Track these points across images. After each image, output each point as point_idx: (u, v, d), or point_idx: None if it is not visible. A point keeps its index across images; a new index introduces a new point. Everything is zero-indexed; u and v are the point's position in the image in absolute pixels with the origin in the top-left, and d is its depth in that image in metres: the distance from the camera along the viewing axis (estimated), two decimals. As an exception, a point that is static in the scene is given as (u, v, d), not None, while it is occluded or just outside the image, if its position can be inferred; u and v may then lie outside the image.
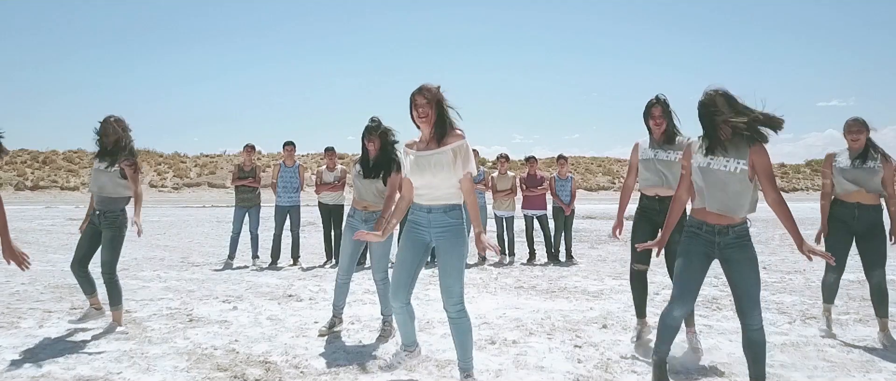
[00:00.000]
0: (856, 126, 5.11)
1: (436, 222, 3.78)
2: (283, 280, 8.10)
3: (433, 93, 3.67)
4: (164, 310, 6.18)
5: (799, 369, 4.33)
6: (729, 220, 3.53)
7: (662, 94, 4.86)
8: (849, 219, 5.13)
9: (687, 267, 3.61)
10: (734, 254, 3.53)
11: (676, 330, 3.71)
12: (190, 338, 5.09)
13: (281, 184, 9.85)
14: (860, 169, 5.05)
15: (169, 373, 4.17)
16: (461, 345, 3.82)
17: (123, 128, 5.42)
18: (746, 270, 3.50)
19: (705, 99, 3.49)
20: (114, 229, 5.33)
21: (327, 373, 4.18)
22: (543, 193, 10.43)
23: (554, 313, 6.08)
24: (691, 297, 3.64)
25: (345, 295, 5.44)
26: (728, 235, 3.54)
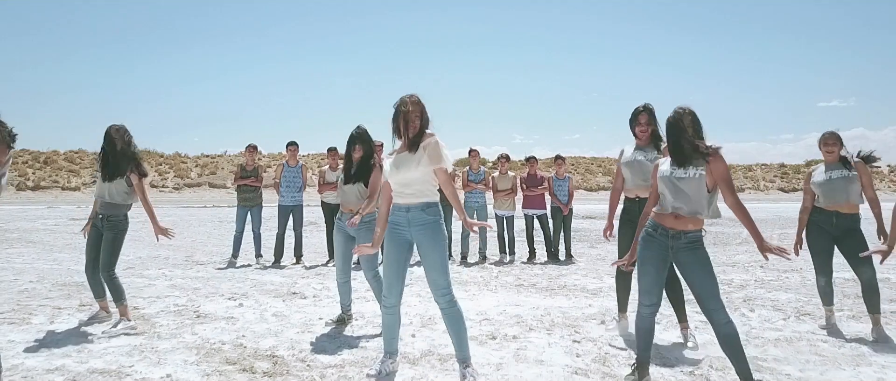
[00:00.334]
0: (831, 139, 5.38)
1: (415, 220, 3.96)
2: (286, 278, 8.22)
3: (419, 105, 3.92)
4: (172, 307, 6.30)
5: (791, 363, 4.45)
6: (684, 225, 3.75)
7: (650, 103, 5.12)
8: (827, 225, 5.42)
9: (645, 270, 3.88)
10: (686, 257, 3.75)
11: (650, 331, 3.94)
12: (198, 333, 5.21)
13: (284, 183, 9.97)
14: (838, 180, 5.31)
15: (179, 366, 4.30)
16: (456, 334, 4.00)
17: (126, 137, 5.55)
18: (699, 271, 3.69)
19: (674, 118, 3.79)
20: (115, 232, 5.49)
21: (333, 366, 4.31)
22: (543, 192, 10.56)
23: (553, 310, 6.20)
24: (656, 294, 3.88)
25: (348, 293, 5.70)
26: (680, 240, 3.77)
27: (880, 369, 4.32)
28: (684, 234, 3.76)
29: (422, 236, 3.95)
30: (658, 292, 3.88)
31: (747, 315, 6.01)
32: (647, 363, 4.01)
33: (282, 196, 10.01)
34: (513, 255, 10.38)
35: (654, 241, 3.85)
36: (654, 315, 3.92)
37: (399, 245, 4.04)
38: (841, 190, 5.31)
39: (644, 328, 3.94)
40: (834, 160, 5.39)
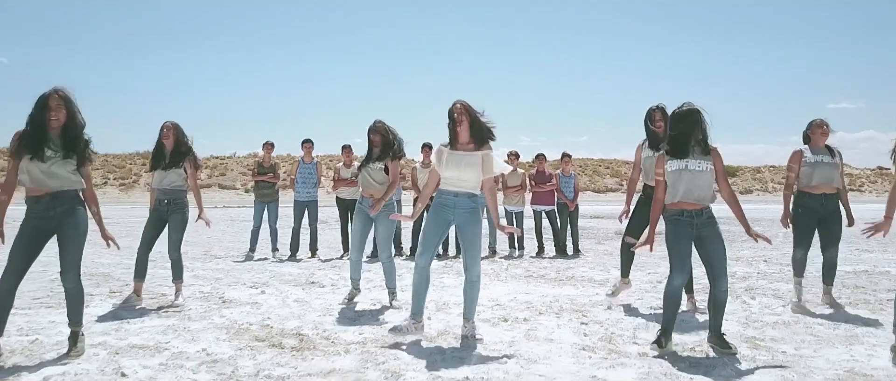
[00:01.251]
0: (825, 125, 5.99)
1: (460, 205, 4.80)
2: (304, 270, 8.53)
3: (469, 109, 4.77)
4: (198, 293, 6.61)
5: (788, 342, 4.71)
6: (702, 206, 4.42)
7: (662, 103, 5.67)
8: (817, 207, 5.96)
9: (678, 244, 4.43)
10: (708, 231, 4.44)
11: (679, 300, 4.49)
12: (225, 316, 5.52)
13: (299, 179, 10.28)
14: (827, 164, 5.91)
15: (212, 342, 4.60)
16: (470, 299, 4.84)
17: (182, 132, 6.27)
18: (717, 243, 4.42)
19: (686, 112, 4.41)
20: (182, 213, 6.21)
21: (356, 343, 4.60)
22: (552, 189, 10.82)
23: (562, 298, 6.48)
24: (686, 266, 4.47)
25: (359, 269, 6.34)
26: (702, 216, 4.45)
27: (871, 347, 4.58)
28: (704, 211, 4.46)
29: (464, 219, 4.79)
30: (688, 268, 4.52)
31: (748, 303, 6.27)
32: (672, 329, 4.48)
33: (297, 192, 10.32)
34: (522, 250, 10.65)
35: (682, 222, 4.44)
36: (683, 286, 4.50)
37: (441, 221, 4.85)
38: (830, 173, 5.88)
39: (674, 298, 4.45)
40: (823, 146, 6.01)
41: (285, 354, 4.30)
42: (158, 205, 6.21)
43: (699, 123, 4.39)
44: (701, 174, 4.38)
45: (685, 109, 4.42)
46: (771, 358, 4.27)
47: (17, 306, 5.77)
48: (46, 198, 4.21)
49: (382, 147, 6.16)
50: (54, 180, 4.20)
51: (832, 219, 5.94)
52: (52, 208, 4.23)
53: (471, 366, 4.03)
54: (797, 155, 6.08)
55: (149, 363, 4.05)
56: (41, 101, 4.17)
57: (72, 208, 4.29)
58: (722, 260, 4.41)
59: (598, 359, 4.22)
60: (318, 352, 4.34)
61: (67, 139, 4.25)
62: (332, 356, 4.24)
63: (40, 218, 4.23)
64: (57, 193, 4.23)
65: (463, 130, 4.75)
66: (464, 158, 4.76)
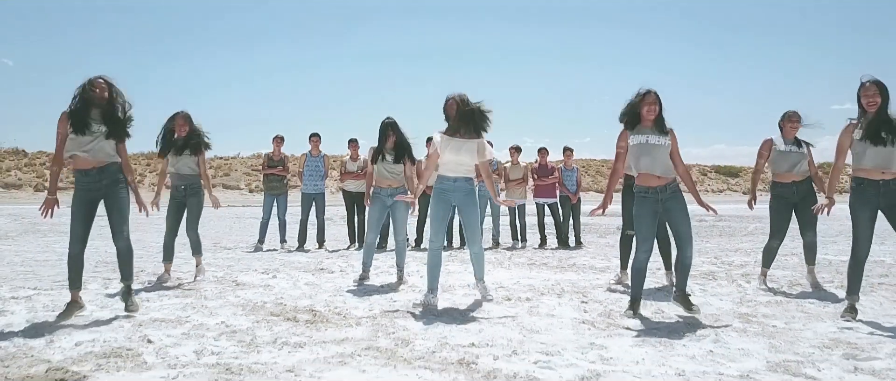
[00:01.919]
0: (795, 116, 6.29)
1: (458, 188, 5.49)
2: (312, 259, 8.77)
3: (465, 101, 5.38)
4: (211, 278, 6.86)
5: (779, 318, 4.93)
6: (665, 180, 4.88)
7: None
8: (789, 194, 6.31)
9: (642, 222, 4.94)
10: (672, 205, 4.91)
11: (644, 273, 4.99)
12: (240, 296, 5.75)
13: (307, 172, 10.52)
14: (795, 153, 6.28)
15: (230, 316, 4.84)
16: (478, 265, 5.67)
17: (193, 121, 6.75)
18: (681, 215, 4.89)
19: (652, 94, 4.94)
20: (198, 196, 6.71)
21: (366, 317, 4.83)
22: (554, 182, 11.05)
23: (563, 282, 6.71)
24: (650, 242, 4.96)
25: (371, 255, 6.74)
26: (667, 191, 4.91)
27: (856, 322, 4.79)
28: (668, 186, 4.91)
29: (463, 199, 5.49)
30: (652, 241, 4.98)
31: (743, 286, 6.48)
32: (640, 298, 5.03)
33: (305, 185, 10.56)
34: (524, 241, 10.87)
35: (647, 200, 4.92)
36: (647, 260, 4.96)
37: (444, 204, 5.50)
38: (798, 162, 6.24)
39: (639, 270, 4.95)
40: (793, 136, 6.36)
41: (300, 326, 4.53)
42: (176, 191, 6.70)
43: (641, 103, 4.92)
44: (661, 148, 4.87)
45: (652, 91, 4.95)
46: (761, 330, 4.48)
47: (39, 288, 6.07)
48: (94, 171, 4.77)
49: (397, 147, 6.78)
50: (100, 154, 4.75)
51: (804, 204, 6.20)
52: (98, 179, 4.79)
53: (475, 335, 4.26)
54: (767, 143, 6.45)
55: (172, 333, 4.28)
56: (87, 83, 4.73)
57: (115, 179, 4.86)
58: (686, 230, 4.86)
59: (596, 331, 4.44)
60: (331, 324, 4.57)
61: (108, 118, 4.78)
62: (344, 328, 4.47)
63: (88, 190, 4.80)
64: (103, 166, 4.80)
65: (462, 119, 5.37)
66: (463, 145, 5.39)
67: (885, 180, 4.82)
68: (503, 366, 3.51)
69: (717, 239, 12.40)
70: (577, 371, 3.42)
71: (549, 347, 3.95)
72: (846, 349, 3.92)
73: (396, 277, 6.69)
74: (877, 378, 3.34)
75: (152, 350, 3.81)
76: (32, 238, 11.76)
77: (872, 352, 3.87)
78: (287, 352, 3.80)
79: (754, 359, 3.69)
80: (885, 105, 4.86)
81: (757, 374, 3.39)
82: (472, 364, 3.53)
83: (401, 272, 6.70)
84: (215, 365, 3.50)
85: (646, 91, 4.99)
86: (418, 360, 3.63)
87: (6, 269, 7.48)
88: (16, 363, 3.52)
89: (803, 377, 3.35)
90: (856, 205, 4.94)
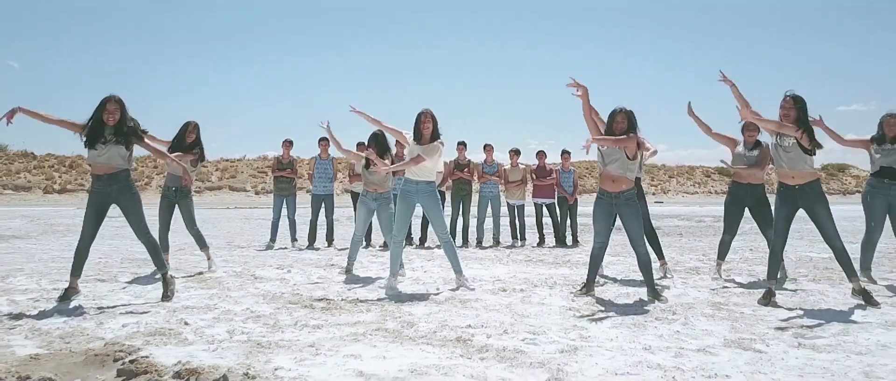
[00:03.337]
0: (754, 127, 6.82)
1: (420, 190, 6.34)
2: (322, 256, 9.34)
3: (432, 115, 6.28)
4: (231, 272, 7.42)
5: (747, 306, 5.45)
6: (619, 187, 5.67)
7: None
8: (742, 196, 6.99)
9: (596, 219, 5.92)
10: (625, 211, 5.71)
11: (599, 259, 6.00)
12: (259, 288, 6.30)
13: (317, 175, 11.09)
14: (750, 157, 6.90)
15: (253, 304, 5.40)
16: (452, 258, 6.44)
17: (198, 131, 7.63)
18: (633, 219, 5.69)
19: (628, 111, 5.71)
20: (189, 197, 7.56)
21: (378, 304, 5.39)
22: (552, 182, 11.60)
23: (556, 276, 7.25)
24: (604, 235, 5.92)
25: (357, 250, 7.66)
26: (620, 198, 5.70)
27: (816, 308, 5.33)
28: (622, 194, 5.69)
29: (425, 199, 6.36)
30: (606, 235, 5.93)
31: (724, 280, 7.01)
32: (594, 281, 6.00)
33: (314, 187, 11.13)
34: (524, 240, 11.41)
35: (603, 201, 5.83)
36: (603, 250, 5.95)
37: (408, 204, 6.35)
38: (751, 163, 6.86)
39: (595, 257, 5.96)
40: (752, 142, 6.94)
41: (317, 312, 5.09)
42: (167, 191, 7.61)
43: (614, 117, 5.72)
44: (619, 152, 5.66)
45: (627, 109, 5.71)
46: (727, 315, 5.02)
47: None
48: (104, 177, 5.44)
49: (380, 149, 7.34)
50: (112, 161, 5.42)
51: (759, 205, 6.89)
52: (108, 185, 5.45)
53: (472, 318, 4.81)
54: (733, 141, 7.00)
55: (204, 317, 4.84)
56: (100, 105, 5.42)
57: (125, 185, 5.49)
58: (637, 232, 5.67)
59: (581, 316, 4.99)
60: (343, 311, 5.13)
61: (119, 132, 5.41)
62: (356, 313, 5.03)
63: (99, 193, 5.48)
64: (112, 173, 5.43)
65: (427, 131, 6.24)
66: (425, 150, 6.20)
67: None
68: (495, 342, 4.05)
69: (710, 238, 12.91)
70: (557, 347, 3.96)
71: (536, 328, 4.49)
72: (797, 330, 4.46)
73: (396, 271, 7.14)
74: (815, 352, 3.88)
75: (190, 330, 4.37)
76: (52, 238, 12.35)
77: (819, 333, 4.41)
78: (307, 332, 4.35)
79: (714, 337, 4.24)
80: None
81: (712, 349, 3.94)
82: (467, 341, 4.08)
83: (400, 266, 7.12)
84: (247, 341, 4.06)
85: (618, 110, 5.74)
86: (421, 338, 4.18)
87: (39, 265, 8.04)
88: (75, 340, 4.09)
89: (752, 351, 3.89)
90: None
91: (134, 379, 3.32)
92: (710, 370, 3.46)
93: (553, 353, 3.82)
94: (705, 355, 3.81)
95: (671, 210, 27.53)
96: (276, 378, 3.29)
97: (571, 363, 3.62)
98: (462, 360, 3.67)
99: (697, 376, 3.38)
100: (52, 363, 3.58)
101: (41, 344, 4.01)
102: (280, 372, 3.39)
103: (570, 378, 3.33)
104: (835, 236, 5.52)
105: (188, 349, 3.87)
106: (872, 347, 4.01)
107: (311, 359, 3.66)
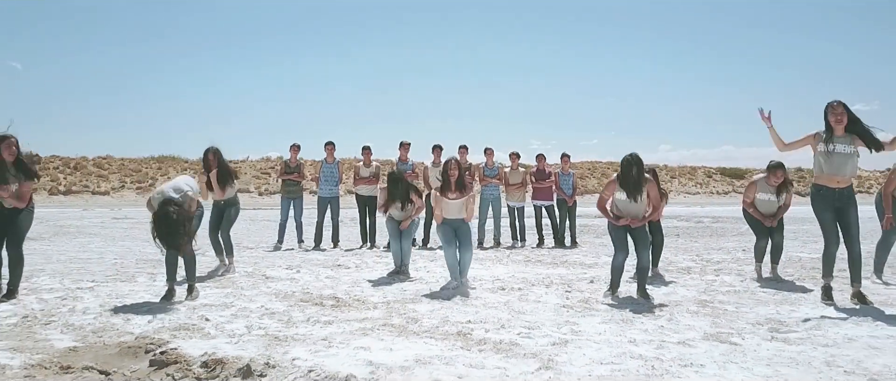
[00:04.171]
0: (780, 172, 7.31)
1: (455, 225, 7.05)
2: (329, 256, 9.70)
3: (459, 164, 7.17)
4: (242, 273, 7.78)
5: (731, 303, 5.80)
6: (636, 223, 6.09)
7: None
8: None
9: (617, 238, 6.22)
10: (635, 233, 6.12)
11: (621, 269, 6.17)
12: (271, 287, 6.67)
13: (322, 178, 11.46)
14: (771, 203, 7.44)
15: (267, 302, 5.76)
16: (464, 264, 6.86)
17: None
18: (641, 237, 6.12)
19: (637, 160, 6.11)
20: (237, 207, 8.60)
21: (382, 302, 5.75)
22: (551, 185, 11.95)
23: (553, 276, 7.61)
24: (625, 249, 6.16)
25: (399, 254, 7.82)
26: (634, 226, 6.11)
27: (795, 306, 5.68)
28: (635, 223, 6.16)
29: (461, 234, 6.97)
30: (626, 248, 6.19)
31: (712, 280, 7.36)
32: (618, 284, 6.19)
33: (320, 189, 11.50)
34: (524, 241, 11.77)
35: (621, 228, 6.20)
36: (624, 260, 6.15)
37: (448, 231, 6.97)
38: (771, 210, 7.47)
39: (616, 268, 6.16)
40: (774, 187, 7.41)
41: (327, 309, 5.45)
42: (216, 204, 8.34)
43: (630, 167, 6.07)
44: (637, 205, 6.10)
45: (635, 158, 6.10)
46: (711, 312, 5.38)
47: (95, 280, 6.99)
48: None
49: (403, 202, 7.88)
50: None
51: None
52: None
53: (472, 315, 5.18)
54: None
55: (223, 314, 5.21)
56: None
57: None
58: (644, 241, 6.10)
59: (573, 312, 5.35)
60: (352, 308, 5.49)
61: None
62: (364, 310, 5.39)
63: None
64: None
65: (453, 178, 6.98)
66: (454, 205, 7.01)
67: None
68: (493, 336, 4.41)
69: (706, 239, 13.25)
70: (550, 340, 4.32)
71: (531, 323, 4.85)
72: (773, 325, 4.81)
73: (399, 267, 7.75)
74: (786, 344, 4.23)
75: (212, 325, 4.74)
76: (65, 239, 12.71)
77: (794, 327, 4.76)
78: (319, 327, 4.71)
79: (694, 332, 4.59)
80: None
81: (692, 341, 4.30)
82: (467, 335, 4.44)
83: (405, 268, 7.69)
84: (265, 335, 4.42)
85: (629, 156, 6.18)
86: (425, 332, 4.55)
87: (59, 265, 8.41)
88: (107, 334, 4.46)
89: (728, 343, 4.25)
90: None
91: (165, 369, 3.68)
92: (687, 360, 3.82)
93: (545, 345, 4.18)
94: (684, 347, 4.16)
95: (672, 211, 27.77)
96: (295, 367, 3.65)
97: (562, 354, 3.97)
98: (462, 351, 4.02)
99: (675, 365, 3.73)
100: (89, 355, 3.95)
101: (76, 338, 4.38)
102: (298, 362, 3.75)
103: (559, 367, 3.69)
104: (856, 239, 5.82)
105: (212, 342, 4.23)
106: (839, 340, 4.36)
107: (324, 351, 4.02)
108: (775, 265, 7.42)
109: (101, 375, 3.57)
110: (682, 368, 3.69)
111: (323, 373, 3.53)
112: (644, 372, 3.62)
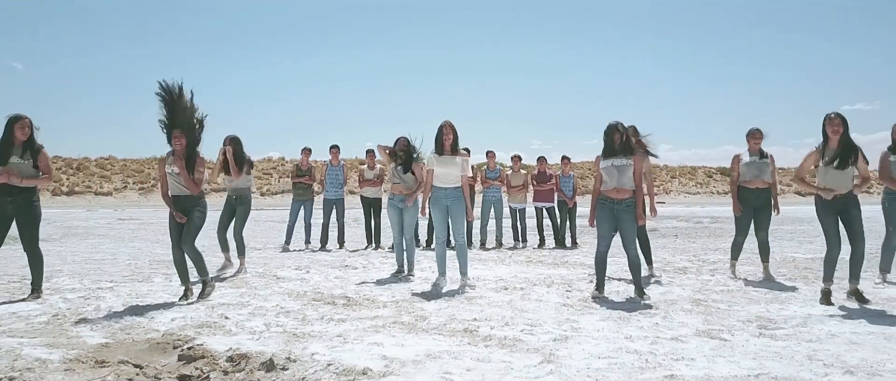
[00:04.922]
0: (758, 133, 7.54)
1: (449, 194, 7.08)
2: (336, 257, 9.99)
3: (454, 127, 7.05)
4: (253, 274, 8.06)
5: (724, 302, 6.07)
6: (622, 196, 6.16)
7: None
8: (751, 199, 7.62)
9: (600, 223, 6.34)
10: (623, 215, 6.22)
11: (604, 261, 6.38)
12: (283, 287, 6.95)
13: (328, 180, 11.76)
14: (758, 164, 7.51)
15: (281, 301, 6.04)
16: (462, 259, 7.08)
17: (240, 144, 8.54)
18: (629, 224, 6.21)
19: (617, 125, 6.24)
20: (247, 206, 8.83)
21: (391, 302, 6.03)
22: (552, 187, 12.24)
23: (555, 276, 7.89)
24: (608, 239, 6.34)
25: (401, 253, 8.03)
26: (622, 204, 6.21)
27: (784, 304, 5.96)
28: (624, 200, 6.20)
29: (452, 202, 7.06)
30: (609, 238, 6.36)
31: (707, 279, 7.63)
32: (604, 282, 6.39)
33: (326, 191, 11.79)
34: (525, 242, 12.05)
35: (606, 206, 6.30)
36: (606, 252, 6.36)
37: (440, 208, 7.12)
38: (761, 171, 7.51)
39: (601, 260, 6.36)
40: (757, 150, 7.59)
41: (339, 307, 5.74)
42: (229, 199, 8.57)
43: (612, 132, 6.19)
44: (626, 168, 6.16)
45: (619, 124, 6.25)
46: (704, 310, 5.66)
47: (114, 281, 7.27)
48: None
49: (406, 156, 7.99)
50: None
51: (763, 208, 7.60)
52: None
53: (477, 313, 5.46)
54: (736, 158, 7.68)
55: (241, 312, 5.49)
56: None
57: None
58: (632, 235, 6.23)
59: (573, 310, 5.63)
60: (363, 307, 5.77)
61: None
62: (374, 309, 5.68)
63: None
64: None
65: (448, 142, 6.97)
66: (449, 161, 6.99)
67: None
68: (497, 333, 4.70)
69: (704, 240, 13.53)
70: (551, 336, 4.61)
71: (533, 321, 5.14)
72: (762, 323, 5.09)
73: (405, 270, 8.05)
74: (773, 340, 4.51)
75: (232, 323, 5.02)
76: (75, 241, 13.01)
77: (782, 325, 5.04)
78: (334, 325, 5.00)
79: (687, 328, 4.88)
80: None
81: (684, 338, 4.58)
82: (473, 332, 4.72)
83: (410, 267, 8.00)
84: (283, 332, 4.70)
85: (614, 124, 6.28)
86: (433, 329, 4.83)
87: (74, 266, 8.70)
88: (135, 331, 4.74)
89: (718, 339, 4.53)
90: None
91: (193, 363, 3.96)
92: (679, 355, 4.10)
93: (547, 341, 4.46)
94: (677, 342, 4.45)
95: (672, 211, 28.13)
96: (314, 362, 3.93)
97: (562, 349, 4.26)
98: (469, 347, 4.31)
99: (667, 359, 4.02)
100: (121, 350, 4.23)
101: (106, 335, 4.66)
102: (317, 356, 4.03)
103: (560, 361, 3.97)
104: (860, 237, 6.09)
105: (235, 339, 4.51)
106: (823, 336, 4.64)
107: (341, 346, 4.31)
108: (766, 264, 7.69)
109: (135, 368, 3.85)
110: (674, 361, 3.97)
111: (341, 366, 3.81)
112: (638, 365, 3.90)
